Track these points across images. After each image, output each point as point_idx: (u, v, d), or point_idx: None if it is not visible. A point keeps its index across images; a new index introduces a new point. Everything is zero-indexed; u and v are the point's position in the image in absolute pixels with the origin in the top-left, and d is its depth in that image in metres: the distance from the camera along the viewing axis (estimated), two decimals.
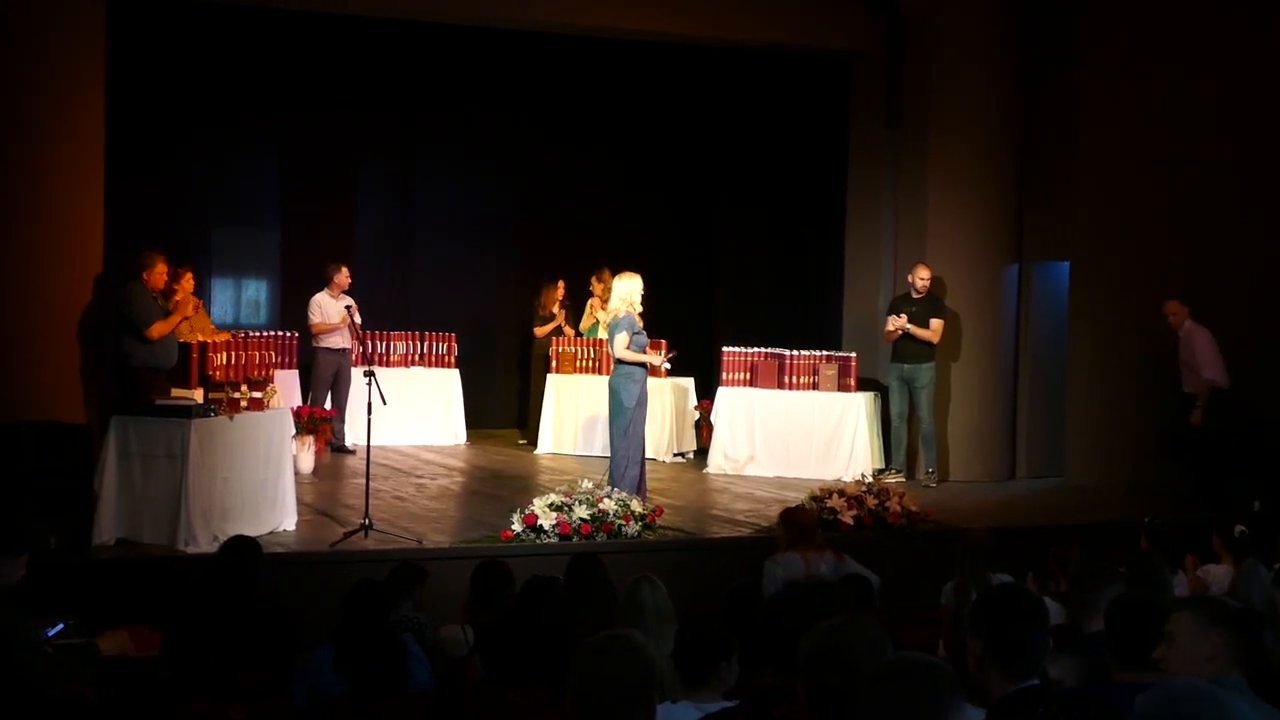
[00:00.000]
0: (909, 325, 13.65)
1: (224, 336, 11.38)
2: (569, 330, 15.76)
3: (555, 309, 15.89)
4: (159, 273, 11.40)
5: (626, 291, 11.49)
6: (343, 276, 14.46)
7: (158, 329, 10.88)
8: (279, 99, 16.25)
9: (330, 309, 14.32)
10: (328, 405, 14.16)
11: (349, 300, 13.97)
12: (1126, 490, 13.13)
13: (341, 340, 14.32)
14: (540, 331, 15.84)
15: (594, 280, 15.37)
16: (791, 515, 8.86)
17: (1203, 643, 4.44)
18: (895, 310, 13.94)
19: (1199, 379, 12.80)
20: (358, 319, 13.13)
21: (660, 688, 3.67)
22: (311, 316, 14.39)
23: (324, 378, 14.33)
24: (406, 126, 17.18)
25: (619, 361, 11.37)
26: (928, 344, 13.75)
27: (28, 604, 6.65)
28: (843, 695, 3.45)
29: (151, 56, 14.80)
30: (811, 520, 8.86)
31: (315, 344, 14.38)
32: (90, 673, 6.26)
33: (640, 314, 11.51)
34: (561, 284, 15.95)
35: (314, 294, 14.49)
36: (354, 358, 14.50)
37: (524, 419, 16.50)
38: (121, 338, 11.00)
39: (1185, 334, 12.93)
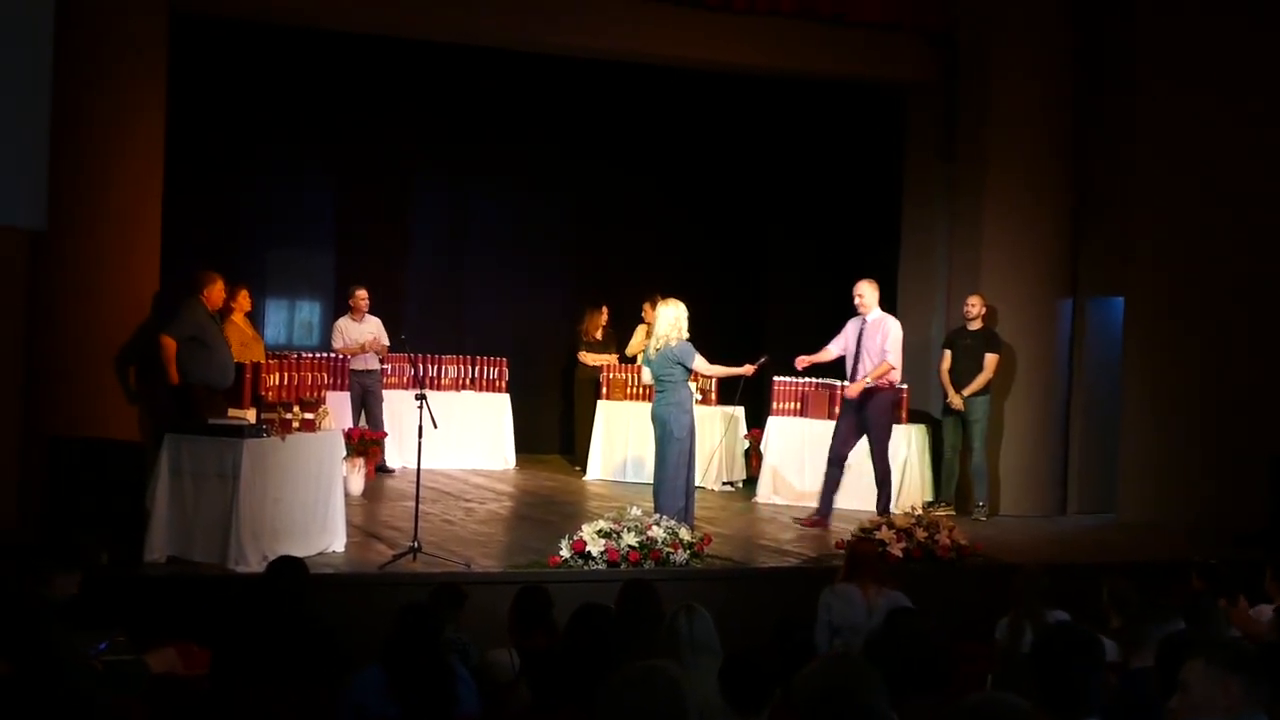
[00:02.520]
0: (964, 395, 13.61)
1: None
2: (613, 357, 15.75)
3: (599, 335, 15.90)
4: (217, 291, 11.50)
5: (674, 318, 11.41)
6: (357, 299, 14.59)
7: (170, 342, 11.02)
8: (335, 123, 16.38)
9: (352, 332, 14.47)
10: (362, 425, 14.23)
11: (375, 320, 14.09)
12: (1180, 528, 13.02)
13: (364, 363, 14.41)
14: (586, 358, 15.84)
15: (646, 306, 15.36)
16: (855, 546, 8.87)
17: (1219, 691, 4.34)
18: (950, 344, 13.89)
19: (872, 362, 12.29)
20: (385, 340, 13.17)
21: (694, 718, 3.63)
22: (334, 342, 14.53)
23: (353, 399, 14.41)
24: (461, 152, 17.25)
25: (695, 379, 11.62)
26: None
27: (79, 620, 6.69)
28: None
29: (210, 80, 14.94)
30: (874, 554, 8.82)
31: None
32: (139, 690, 6.29)
33: (689, 339, 11.51)
34: (605, 309, 15.97)
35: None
36: (394, 380, 14.61)
37: (569, 444, 16.52)
38: (178, 355, 11.10)
39: (876, 320, 12.45)
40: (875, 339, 12.37)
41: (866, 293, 12.52)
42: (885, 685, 3.49)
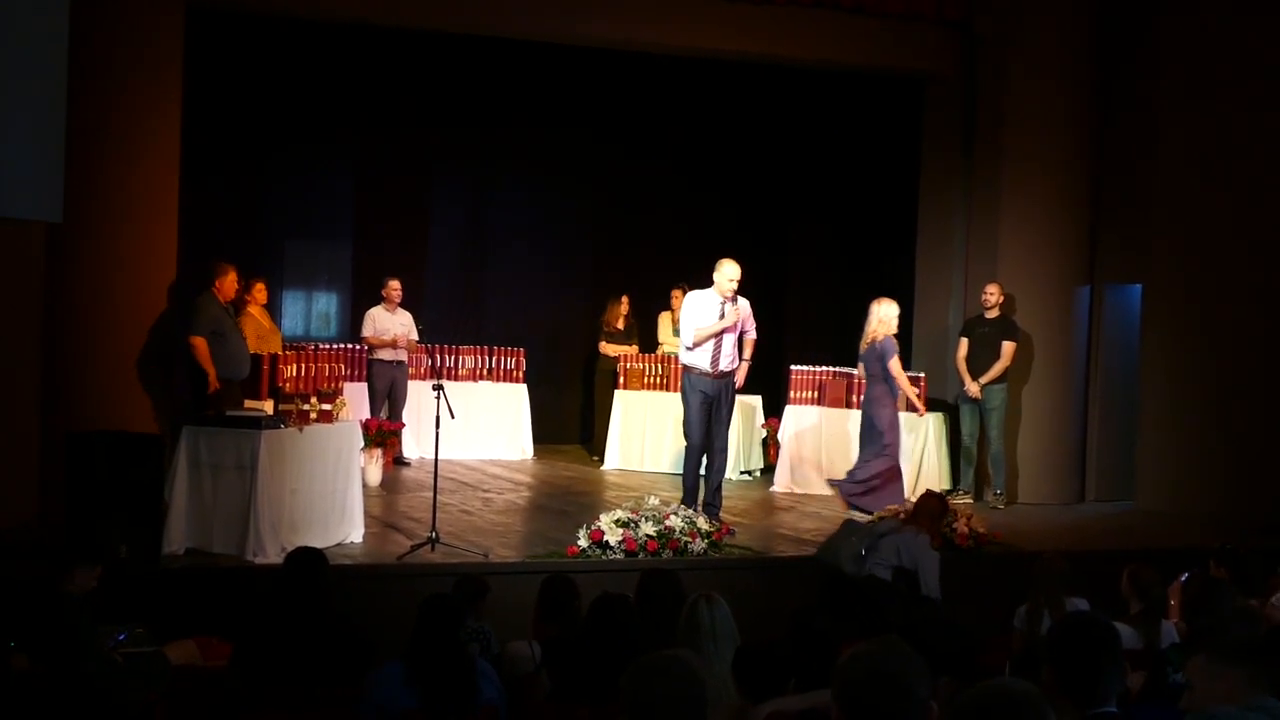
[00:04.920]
0: (980, 383, 13.59)
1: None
2: (634, 347, 15.74)
3: (620, 325, 15.89)
4: (230, 282, 11.53)
5: (888, 316, 12.02)
6: (390, 290, 14.58)
7: (201, 342, 11.05)
8: (354, 114, 16.37)
9: (385, 322, 14.43)
10: (383, 416, 14.24)
11: (407, 314, 14.11)
12: (1198, 515, 13.00)
13: (394, 354, 14.41)
14: (606, 349, 15.82)
15: (675, 293, 15.33)
16: (923, 497, 9.69)
17: (1220, 684, 4.36)
18: (968, 332, 13.87)
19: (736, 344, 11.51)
20: (414, 335, 13.19)
21: (714, 706, 3.64)
22: (364, 329, 14.52)
23: (379, 389, 14.42)
24: (480, 143, 17.23)
25: (890, 381, 12.10)
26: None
27: (99, 613, 6.71)
28: (885, 714, 3.42)
29: (227, 72, 14.95)
30: (929, 507, 9.47)
31: (369, 355, 14.48)
32: (160, 682, 6.30)
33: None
34: (625, 299, 15.95)
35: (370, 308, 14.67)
36: (410, 371, 14.62)
37: (589, 435, 16.52)
38: (190, 353, 11.15)
39: (741, 301, 11.48)
40: (743, 321, 11.60)
41: (739, 274, 11.52)
42: (927, 670, 3.49)
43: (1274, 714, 4.27)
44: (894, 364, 12.10)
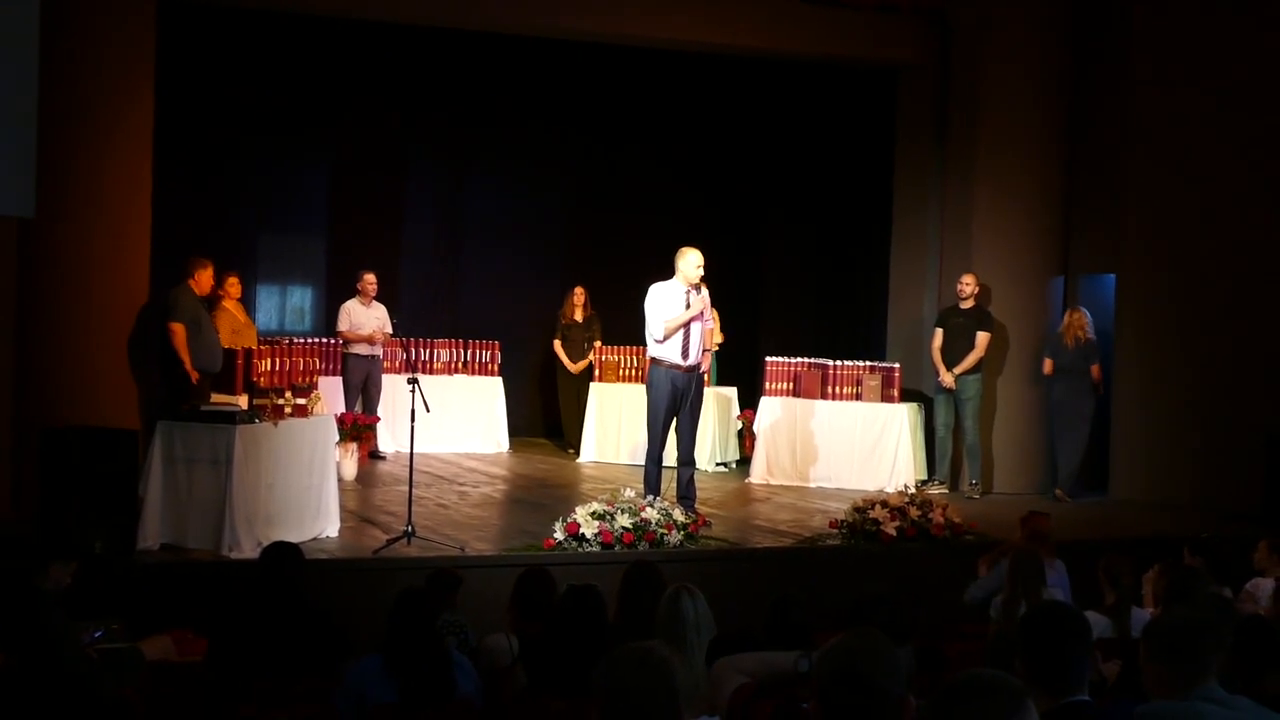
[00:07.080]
0: (955, 373, 13.65)
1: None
2: (586, 361, 15.71)
3: (577, 317, 15.89)
4: (207, 277, 11.51)
5: (1087, 323, 13.62)
6: (366, 283, 14.57)
7: (180, 329, 11.01)
8: (327, 108, 16.35)
9: (360, 316, 14.43)
10: (358, 410, 14.22)
11: (382, 308, 14.09)
12: (1172, 504, 13.05)
13: (369, 348, 14.40)
14: (560, 351, 15.85)
15: None
16: (1031, 521, 9.18)
17: (1151, 675, 4.44)
18: (942, 322, 13.90)
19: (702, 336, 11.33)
20: (389, 329, 13.12)
21: (689, 699, 3.64)
22: (340, 323, 14.49)
23: (354, 383, 14.41)
24: (454, 136, 17.22)
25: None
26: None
27: (74, 609, 6.68)
28: (860, 714, 3.43)
29: (201, 64, 14.89)
30: (1036, 529, 9.00)
31: (344, 350, 14.45)
32: (135, 678, 6.28)
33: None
34: (581, 290, 15.94)
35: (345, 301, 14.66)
36: (385, 365, 14.60)
37: (555, 429, 16.54)
38: (168, 342, 11.11)
39: (704, 292, 11.31)
40: (707, 310, 11.52)
41: (703, 260, 11.35)
42: (903, 666, 3.51)
43: (1224, 703, 4.31)
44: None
